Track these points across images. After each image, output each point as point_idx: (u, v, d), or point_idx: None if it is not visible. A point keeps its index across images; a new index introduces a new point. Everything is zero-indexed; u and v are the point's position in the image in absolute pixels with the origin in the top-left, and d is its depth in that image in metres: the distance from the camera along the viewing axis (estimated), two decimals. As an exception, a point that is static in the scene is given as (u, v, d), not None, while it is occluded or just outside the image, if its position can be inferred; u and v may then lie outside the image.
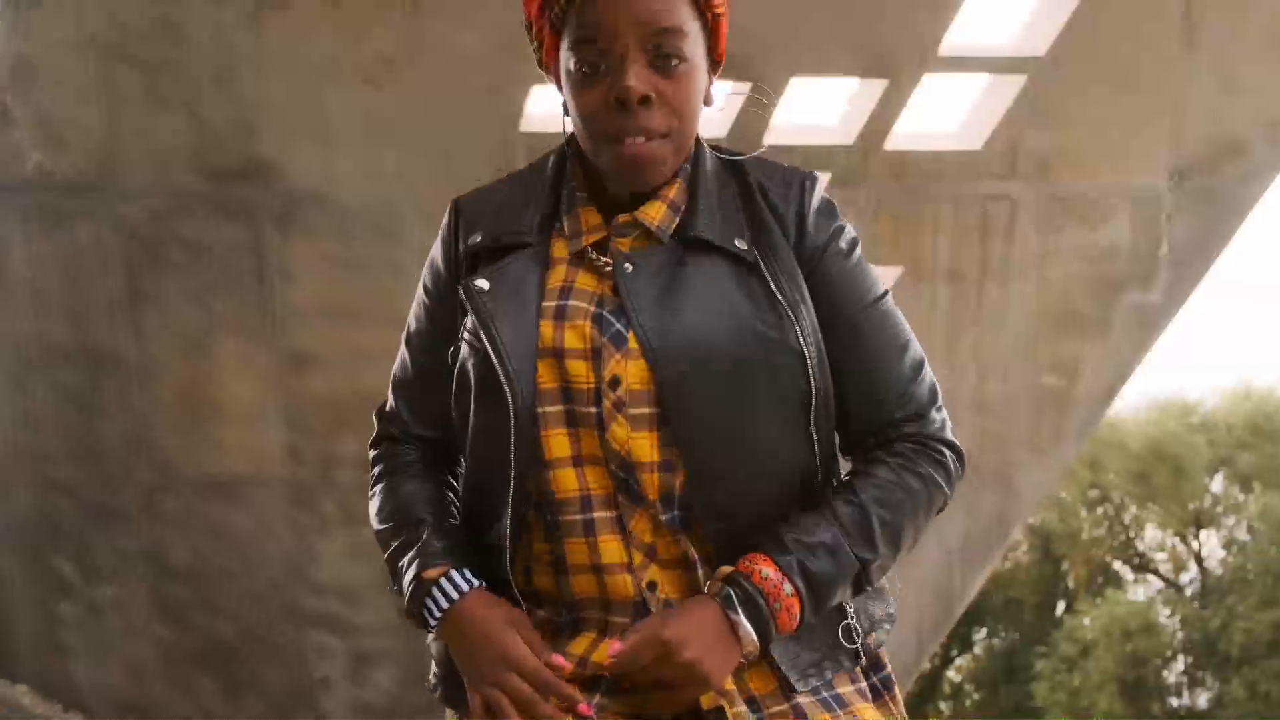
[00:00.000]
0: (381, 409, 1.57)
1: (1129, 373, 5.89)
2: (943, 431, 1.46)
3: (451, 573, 1.40)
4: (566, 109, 1.41)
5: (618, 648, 1.32)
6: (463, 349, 1.42)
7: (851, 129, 5.25)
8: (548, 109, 4.97)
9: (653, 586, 1.37)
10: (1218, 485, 19.79)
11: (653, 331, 1.35)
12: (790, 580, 1.34)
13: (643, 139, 1.35)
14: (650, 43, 1.34)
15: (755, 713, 1.38)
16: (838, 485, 1.45)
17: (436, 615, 1.39)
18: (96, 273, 5.15)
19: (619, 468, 1.36)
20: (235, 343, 5.28)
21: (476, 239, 1.45)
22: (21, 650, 5.72)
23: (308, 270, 5.20)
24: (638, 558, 1.37)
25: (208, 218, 5.13)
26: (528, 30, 1.45)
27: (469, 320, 1.41)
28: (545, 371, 1.37)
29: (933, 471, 1.44)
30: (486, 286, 1.40)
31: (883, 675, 1.47)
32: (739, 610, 1.32)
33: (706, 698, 1.35)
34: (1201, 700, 18.77)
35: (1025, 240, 5.45)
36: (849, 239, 1.46)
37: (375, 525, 1.51)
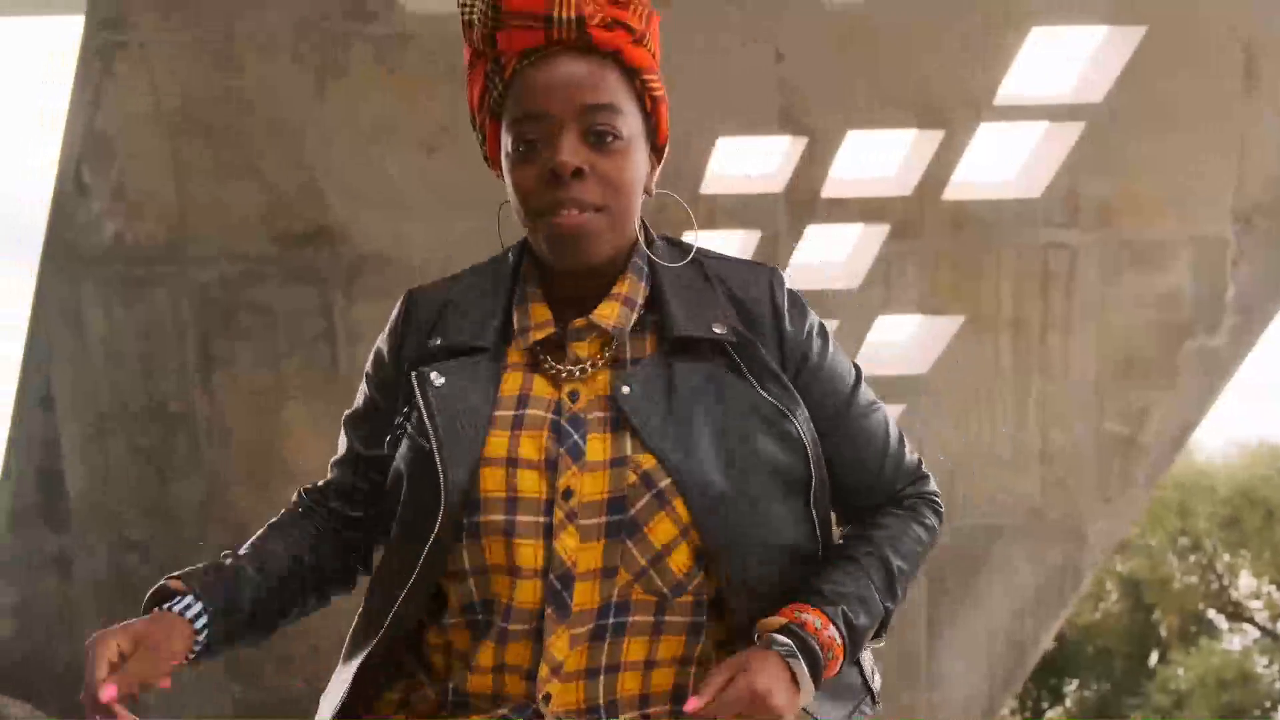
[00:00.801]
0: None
1: (1197, 419, 5.80)
2: (933, 484, 1.53)
3: (184, 597, 1.41)
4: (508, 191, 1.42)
5: (697, 701, 1.28)
6: (403, 442, 1.42)
7: (908, 180, 5.25)
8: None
9: (547, 699, 1.35)
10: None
11: (668, 453, 1.34)
12: (837, 629, 1.35)
13: (576, 210, 1.35)
14: (584, 119, 1.35)
15: None
16: (852, 537, 1.47)
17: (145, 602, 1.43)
18: (171, 337, 5.28)
19: (558, 578, 1.34)
20: (304, 403, 5.37)
21: (435, 342, 1.44)
22: (100, 708, 5.81)
23: (374, 331, 5.22)
24: (544, 670, 1.34)
25: (277, 282, 5.24)
26: (472, 123, 1.47)
27: (413, 414, 1.41)
28: (491, 480, 1.35)
29: (934, 520, 1.51)
30: (440, 381, 1.40)
31: None
32: (800, 659, 1.31)
33: None
34: (1303, 752, 18.21)
35: (1087, 288, 5.41)
36: (822, 331, 1.49)
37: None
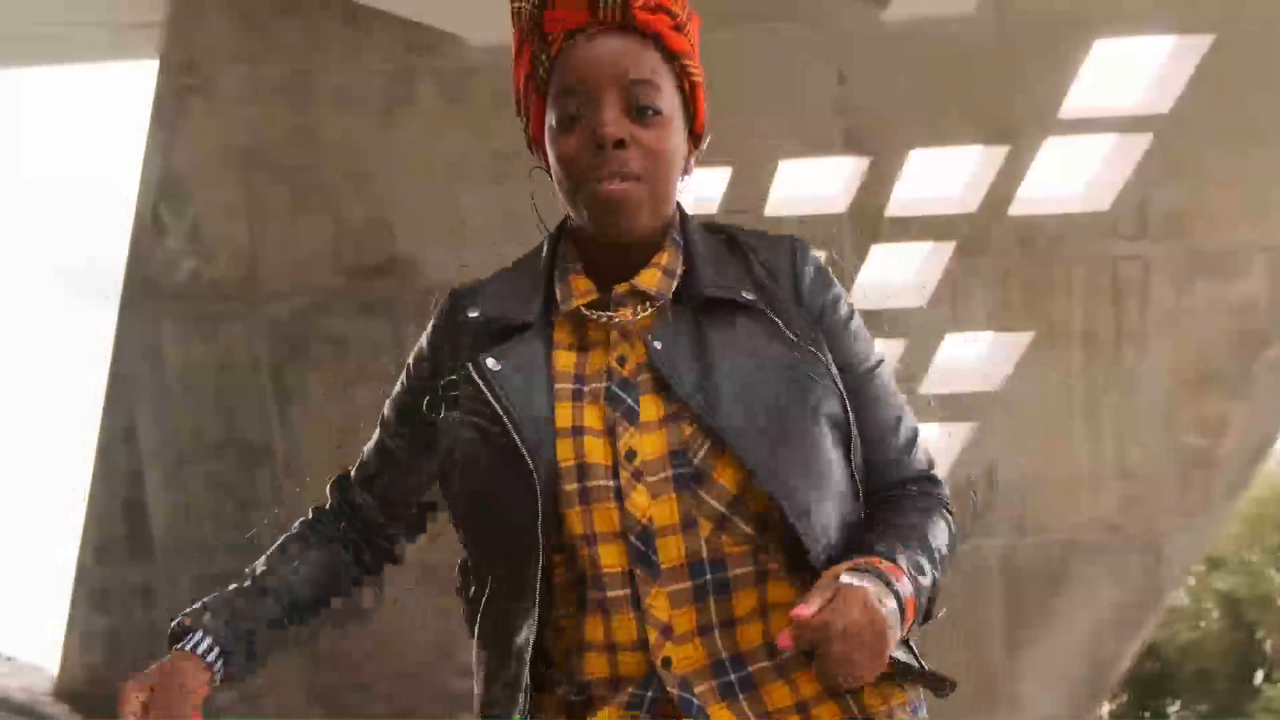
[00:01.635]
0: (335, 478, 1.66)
1: (1277, 429, 5.69)
2: (946, 493, 1.50)
3: (193, 635, 1.50)
4: (549, 170, 1.44)
5: (807, 609, 1.21)
6: (462, 435, 1.42)
7: (974, 197, 5.23)
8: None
9: (667, 663, 1.35)
10: None
11: (700, 404, 1.35)
12: (909, 579, 1.31)
13: (619, 180, 1.37)
14: (627, 93, 1.38)
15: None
16: (883, 513, 1.44)
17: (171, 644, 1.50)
18: (246, 370, 5.39)
19: (638, 538, 1.35)
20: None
21: (474, 314, 1.47)
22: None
23: (445, 360, 5.36)
24: (653, 635, 1.35)
25: (348, 314, 5.33)
26: (517, 109, 1.50)
27: (469, 403, 1.42)
28: (564, 450, 1.37)
29: (955, 526, 1.47)
30: (498, 367, 1.41)
31: None
32: (891, 598, 1.27)
33: (875, 697, 1.36)
34: None
35: (1160, 299, 5.34)
36: (847, 305, 1.48)
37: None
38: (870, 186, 5.10)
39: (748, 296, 1.42)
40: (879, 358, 1.50)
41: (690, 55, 1.44)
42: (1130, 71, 5.34)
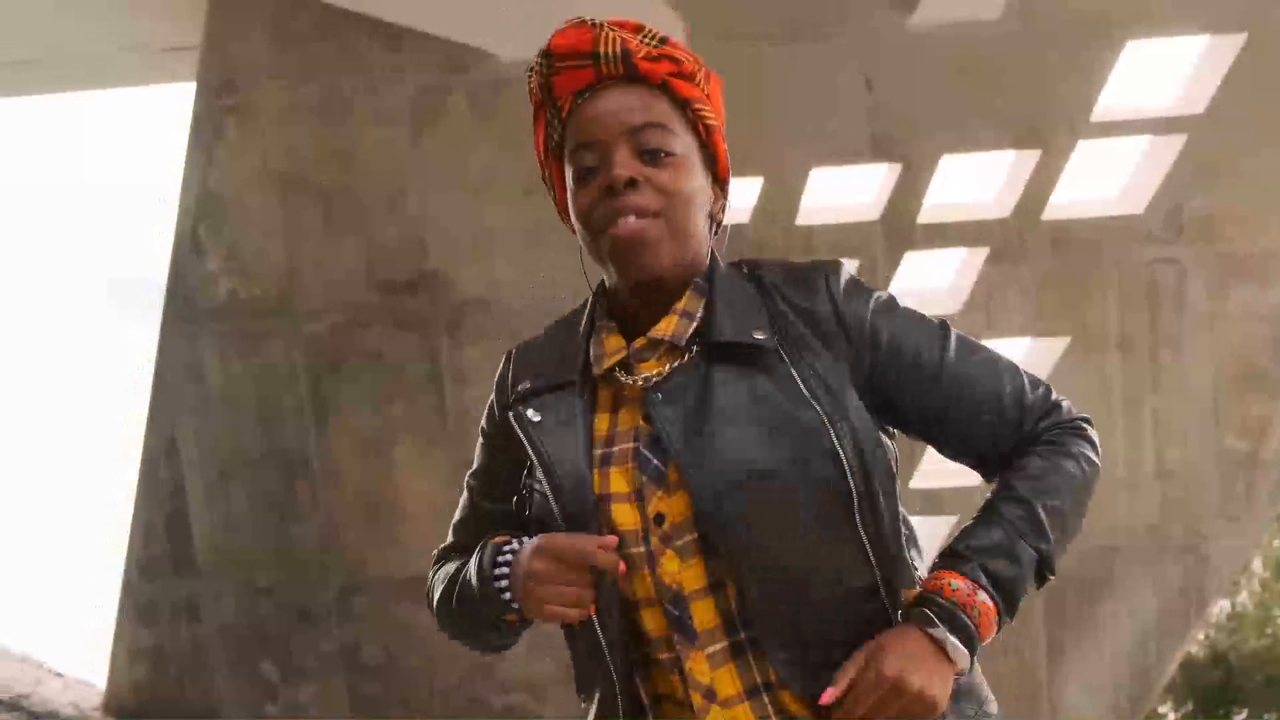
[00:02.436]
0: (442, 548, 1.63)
1: (1321, 431, 5.63)
2: (1073, 411, 1.47)
3: (514, 539, 1.43)
4: (575, 231, 1.45)
5: (834, 692, 1.27)
6: (534, 499, 1.44)
7: (1007, 202, 5.21)
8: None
9: None
10: None
11: (687, 460, 1.33)
12: (980, 587, 1.32)
13: (634, 218, 1.37)
14: (634, 138, 1.39)
15: None
16: (997, 486, 1.43)
17: (506, 559, 1.41)
18: (284, 385, 5.45)
19: (672, 603, 1.35)
20: (414, 445, 5.50)
21: (525, 385, 1.49)
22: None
23: (479, 372, 5.40)
24: (697, 699, 1.35)
25: (384, 329, 5.39)
26: (543, 178, 1.51)
27: (527, 462, 1.44)
28: (600, 517, 1.38)
29: (1082, 449, 1.44)
30: (537, 419, 1.43)
31: None
32: (941, 627, 1.29)
33: None
34: None
35: (1196, 302, 5.30)
36: (888, 298, 1.46)
37: (435, 595, 1.55)
38: (902, 193, 5.09)
39: (759, 336, 1.39)
40: (943, 330, 1.46)
41: (702, 101, 1.43)
42: (1162, 72, 5.30)
